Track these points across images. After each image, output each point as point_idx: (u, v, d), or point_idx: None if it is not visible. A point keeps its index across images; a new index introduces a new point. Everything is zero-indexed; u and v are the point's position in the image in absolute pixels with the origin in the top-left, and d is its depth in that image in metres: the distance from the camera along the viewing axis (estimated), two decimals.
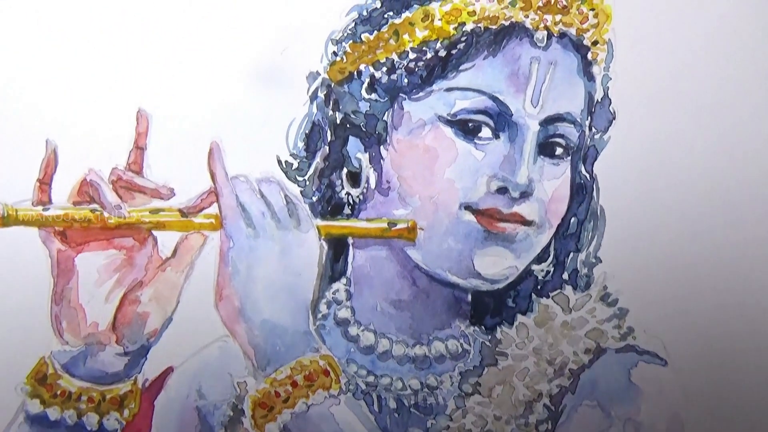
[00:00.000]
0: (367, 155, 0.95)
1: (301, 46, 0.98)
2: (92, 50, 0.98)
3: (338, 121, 0.97)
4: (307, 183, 0.98)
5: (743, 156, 1.04)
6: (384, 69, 0.93)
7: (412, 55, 0.92)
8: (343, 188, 0.97)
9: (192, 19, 0.98)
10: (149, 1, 0.98)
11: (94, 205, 0.88)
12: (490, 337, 0.97)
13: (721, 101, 1.04)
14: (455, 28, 0.92)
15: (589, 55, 0.94)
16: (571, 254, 0.99)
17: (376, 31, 0.94)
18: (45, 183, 0.89)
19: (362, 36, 0.94)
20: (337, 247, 0.99)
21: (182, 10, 0.98)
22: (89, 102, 0.98)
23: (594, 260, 0.99)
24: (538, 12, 0.92)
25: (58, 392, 0.88)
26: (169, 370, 0.97)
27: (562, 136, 0.93)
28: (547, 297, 0.97)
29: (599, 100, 0.97)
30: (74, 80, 0.98)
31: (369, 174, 0.95)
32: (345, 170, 0.97)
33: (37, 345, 0.90)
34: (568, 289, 0.97)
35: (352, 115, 0.95)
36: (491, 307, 0.98)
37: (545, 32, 0.92)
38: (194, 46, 0.99)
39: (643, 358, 0.94)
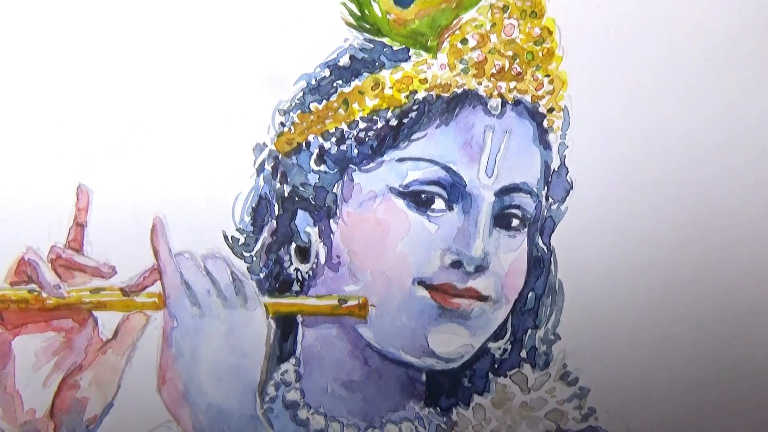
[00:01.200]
0: (316, 229, 0.91)
1: (248, 117, 0.93)
2: (30, 124, 0.92)
3: (286, 194, 0.93)
4: (254, 259, 0.94)
5: (704, 226, 1.00)
6: (333, 139, 0.90)
7: (362, 125, 0.89)
8: (291, 264, 0.93)
9: (134, 92, 0.93)
10: (90, 75, 0.93)
11: (32, 285, 0.84)
12: (445, 419, 0.94)
13: (681, 169, 0.99)
14: (406, 97, 0.89)
15: (545, 123, 0.92)
16: (529, 331, 0.96)
17: (325, 101, 0.91)
18: None
19: (311, 106, 0.91)
20: (286, 325, 0.94)
21: (124, 83, 0.94)
22: (27, 177, 0.92)
23: (553, 337, 0.97)
24: (492, 79, 0.89)
25: None
26: None
27: (518, 207, 0.90)
28: (505, 376, 0.95)
29: (556, 169, 0.95)
30: (11, 155, 0.91)
31: (318, 249, 0.91)
32: (293, 245, 0.93)
33: None
34: (526, 368, 0.95)
35: (301, 188, 0.92)
36: (446, 388, 0.95)
37: (499, 100, 0.89)
38: (136, 119, 0.94)
39: None
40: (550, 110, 0.91)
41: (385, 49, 0.91)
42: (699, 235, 1.00)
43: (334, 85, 0.91)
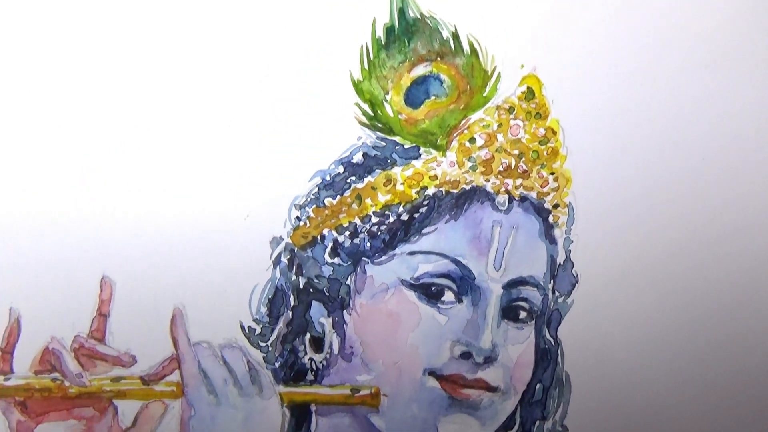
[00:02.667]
0: (330, 320, 0.92)
1: (265, 212, 0.94)
2: (54, 217, 0.92)
3: (301, 286, 0.93)
4: (270, 349, 0.94)
5: (713, 308, 1.00)
6: (347, 233, 0.91)
7: (374, 219, 0.91)
8: (306, 354, 0.93)
9: (155, 187, 0.94)
10: (113, 165, 0.94)
11: (56, 374, 0.85)
12: None
13: (686, 256, 0.99)
14: (417, 192, 0.90)
15: (551, 218, 0.93)
16: (537, 422, 0.95)
17: (339, 196, 0.92)
18: (7, 352, 0.86)
19: (325, 201, 0.92)
20: (300, 414, 0.93)
21: (144, 179, 0.94)
22: (53, 270, 0.92)
23: (561, 429, 0.97)
24: (499, 176, 0.91)
25: None
26: None
27: (525, 299, 0.91)
28: None
29: (561, 263, 0.96)
30: (38, 247, 0.91)
31: (332, 339, 0.92)
32: (308, 335, 0.93)
33: None
34: None
35: (316, 280, 0.93)
36: None
37: (506, 196, 0.91)
38: (158, 214, 0.94)
39: None
40: (555, 206, 0.93)
41: (396, 147, 0.92)
42: (707, 317, 0.99)
43: (348, 181, 0.92)
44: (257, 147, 0.96)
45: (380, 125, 0.94)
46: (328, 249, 0.92)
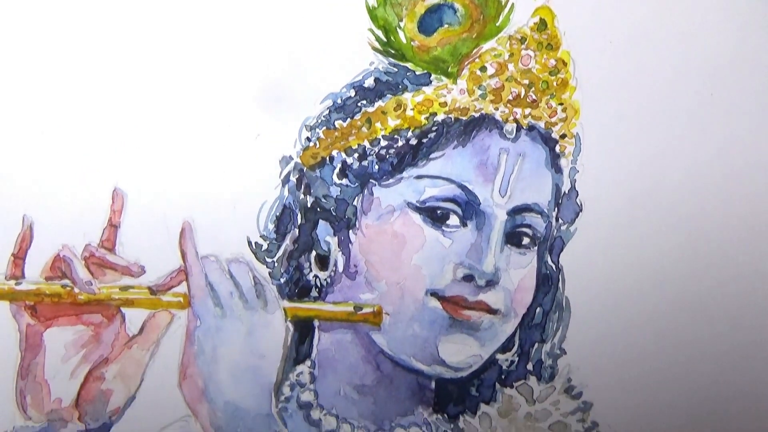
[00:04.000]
0: (336, 239, 0.92)
1: (275, 131, 0.93)
2: (70, 128, 0.93)
3: (309, 205, 0.93)
4: (276, 265, 0.94)
5: (709, 247, 0.99)
6: (356, 155, 0.91)
7: (383, 143, 0.90)
8: (311, 271, 0.93)
9: (170, 102, 0.94)
10: (127, 81, 0.94)
11: (66, 281, 0.85)
12: (452, 426, 0.94)
13: (685, 195, 0.98)
14: (426, 118, 0.90)
15: (557, 148, 0.92)
16: (536, 345, 0.95)
17: (349, 119, 0.92)
18: (19, 258, 0.86)
19: (336, 123, 0.92)
20: (303, 329, 0.94)
21: (160, 93, 0.94)
22: (66, 179, 0.93)
23: (559, 351, 0.96)
24: (508, 105, 0.90)
25: None
26: None
27: (529, 226, 0.91)
28: (511, 387, 0.94)
29: (566, 192, 0.95)
30: (52, 157, 0.92)
31: (337, 258, 0.92)
32: (314, 253, 0.93)
33: (0, 420, 0.85)
34: (532, 380, 0.94)
35: (323, 200, 0.92)
36: (455, 396, 0.94)
37: (515, 125, 0.90)
38: (171, 128, 0.94)
39: None
40: (563, 136, 0.92)
41: (408, 74, 0.91)
42: (704, 256, 0.99)
43: (359, 104, 0.92)
44: (270, 68, 0.95)
45: (393, 51, 0.93)
46: (337, 170, 0.92)
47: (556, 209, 0.94)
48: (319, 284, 0.93)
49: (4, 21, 0.96)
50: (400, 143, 0.90)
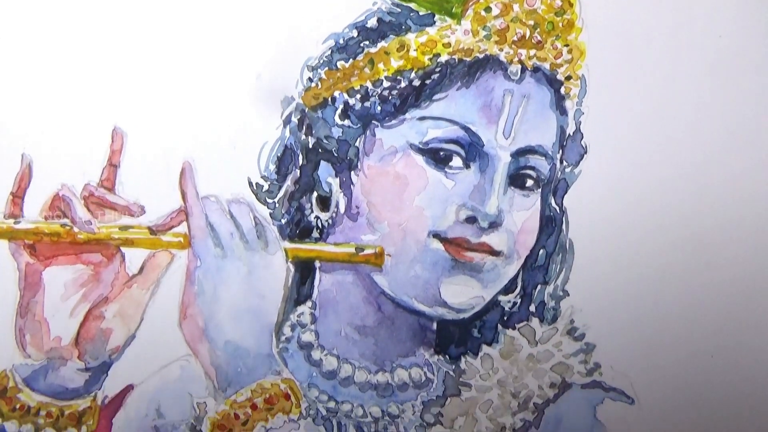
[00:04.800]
0: (337, 180, 0.91)
1: (277, 72, 0.92)
2: (70, 67, 0.92)
3: (310, 146, 0.92)
4: (277, 205, 0.93)
5: (714, 191, 0.98)
6: (358, 96, 0.89)
7: (386, 84, 0.88)
8: (312, 212, 0.92)
9: (169, 42, 0.93)
10: (127, 22, 0.93)
11: (65, 220, 0.84)
12: (454, 366, 0.92)
13: (691, 138, 0.97)
14: (430, 59, 0.88)
15: (562, 90, 0.90)
16: (539, 286, 0.94)
17: (351, 60, 0.90)
18: (18, 196, 0.85)
19: (338, 63, 0.90)
20: (304, 270, 0.93)
21: (160, 33, 0.93)
22: (66, 118, 0.92)
23: (561, 293, 0.94)
24: (513, 46, 0.88)
25: (17, 406, 0.83)
26: (129, 388, 0.90)
27: (533, 168, 0.89)
28: (513, 329, 0.92)
29: (571, 134, 0.93)
30: (52, 96, 0.91)
31: (339, 199, 0.90)
32: (315, 194, 0.92)
33: (0, 358, 0.84)
34: (534, 322, 0.92)
35: (325, 141, 0.91)
36: (456, 337, 0.93)
37: (519, 66, 0.88)
38: (171, 68, 0.93)
39: (610, 395, 0.91)
40: (568, 78, 0.90)
41: (411, 14, 0.90)
42: (707, 199, 0.97)
43: (361, 45, 0.90)
44: (273, 7, 0.93)
45: None
46: (339, 111, 0.90)
47: (561, 151, 0.92)
48: (320, 225, 0.92)
49: None
50: (403, 84, 0.88)
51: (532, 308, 0.93)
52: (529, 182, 0.89)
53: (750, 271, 1.00)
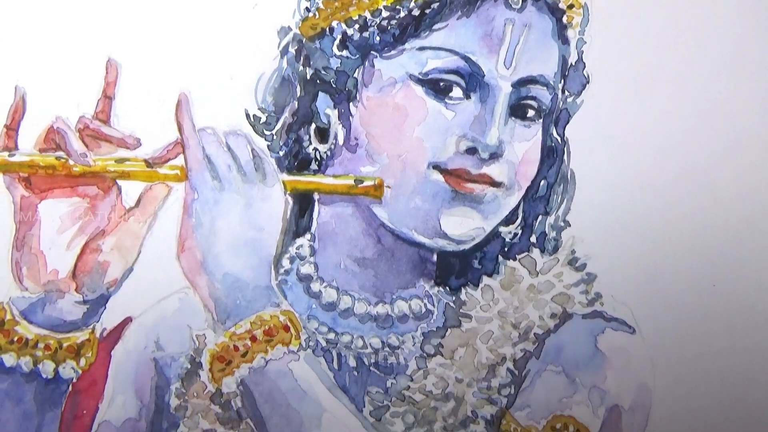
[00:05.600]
0: (336, 111, 0.89)
1: (274, 1, 0.91)
2: (64, 1, 0.92)
3: (308, 77, 0.90)
4: (275, 137, 0.92)
5: (716, 121, 0.97)
6: (356, 26, 0.87)
7: (385, 13, 0.86)
8: (310, 144, 0.90)
9: None
10: None
11: (60, 153, 0.83)
12: (454, 298, 0.92)
13: (694, 68, 0.97)
14: None
15: (564, 19, 0.88)
16: (540, 217, 0.93)
17: None
18: (12, 129, 0.84)
19: None
20: (303, 202, 0.93)
21: None
22: (59, 50, 0.92)
23: (563, 224, 0.94)
24: None
25: (15, 338, 0.82)
26: (127, 321, 0.91)
27: (534, 98, 0.88)
28: (514, 259, 0.92)
29: (573, 63, 0.91)
30: (45, 27, 0.91)
31: (337, 130, 0.89)
32: (313, 126, 0.90)
33: None
34: (535, 252, 0.92)
35: (323, 71, 0.89)
36: (456, 268, 0.93)
37: None
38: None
39: (611, 325, 0.89)
40: (570, 6, 0.88)
41: None
42: (709, 130, 0.97)
43: None
44: None
45: None
46: (337, 41, 0.88)
47: (563, 81, 0.91)
48: (318, 157, 0.91)
49: None
50: (402, 14, 0.86)
51: (533, 239, 0.92)
52: (531, 112, 0.88)
53: (753, 200, 0.99)
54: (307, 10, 0.90)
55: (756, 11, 1.01)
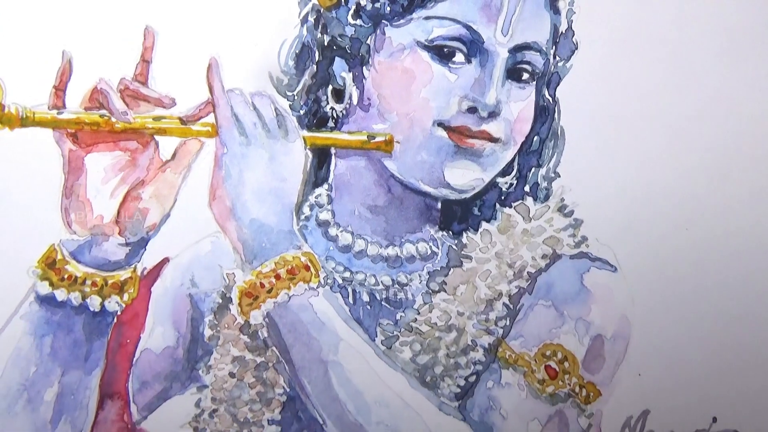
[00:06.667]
0: (350, 74, 0.95)
1: None
2: None
3: (326, 43, 0.96)
4: (296, 98, 0.98)
5: (695, 76, 1.03)
6: None
7: None
8: (328, 103, 0.96)
9: None
10: None
11: (103, 111, 0.88)
12: (456, 241, 0.97)
13: (676, 36, 1.02)
14: None
15: None
16: (533, 169, 0.99)
17: None
18: (60, 89, 0.89)
19: None
20: (321, 156, 0.99)
21: None
22: (102, 18, 0.98)
23: (553, 175, 0.99)
24: None
25: (66, 276, 0.88)
26: (165, 261, 0.98)
27: (528, 63, 0.93)
28: (510, 207, 0.97)
29: (563, 31, 0.97)
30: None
31: (352, 91, 0.95)
32: (330, 87, 0.96)
33: (48, 233, 0.90)
34: (528, 200, 0.97)
35: (339, 38, 0.95)
36: (458, 215, 0.98)
37: None
38: None
39: (595, 264, 0.95)
40: None
41: None
42: (688, 82, 1.03)
43: None
44: None
45: None
46: (351, 11, 0.94)
47: (554, 47, 0.97)
48: (335, 116, 0.96)
49: None
50: None
51: (527, 188, 0.98)
52: (525, 75, 0.93)
53: (723, 153, 1.05)
54: None
55: None
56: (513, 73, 0.93)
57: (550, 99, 0.99)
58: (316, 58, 0.97)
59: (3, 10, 1.01)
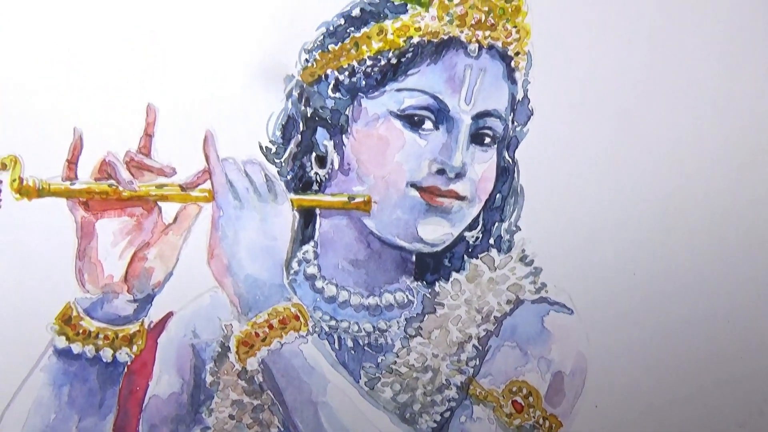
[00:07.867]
0: (332, 142, 1.02)
1: (280, 54, 1.05)
2: (111, 59, 1.05)
3: (309, 115, 1.03)
4: (283, 164, 1.05)
5: (639, 142, 1.11)
6: (346, 73, 1.00)
7: (369, 62, 0.99)
8: (312, 169, 1.03)
9: (193, 32, 1.06)
10: (158, 17, 1.06)
11: (111, 181, 0.95)
12: (430, 290, 1.04)
13: (618, 99, 1.11)
14: (404, 41, 0.99)
15: (513, 63, 1.02)
16: (496, 223, 1.05)
17: (340, 43, 1.01)
18: (72, 162, 0.96)
19: (329, 47, 1.01)
20: (307, 216, 1.05)
21: (186, 25, 1.06)
22: (109, 97, 1.06)
23: (515, 228, 1.06)
24: (471, 28, 0.99)
25: (80, 331, 0.95)
26: (170, 314, 1.04)
27: (489, 128, 1.00)
28: (477, 258, 1.04)
29: (520, 99, 1.05)
30: (97, 80, 1.05)
31: (333, 158, 1.02)
32: (314, 154, 1.03)
33: (64, 292, 0.96)
34: (493, 252, 1.04)
35: (320, 110, 1.02)
36: (431, 266, 1.05)
37: (477, 44, 0.99)
38: (195, 53, 1.06)
39: (554, 308, 1.02)
40: (517, 53, 1.01)
41: (388, 3, 1.01)
42: (629, 138, 1.12)
43: (348, 30, 1.01)
44: (274, 4, 1.07)
45: None
46: (331, 85, 1.01)
47: (512, 113, 1.04)
48: (319, 179, 1.03)
49: None
50: (382, 62, 0.99)
51: (491, 241, 1.05)
52: (487, 139, 1.01)
53: (664, 203, 1.14)
54: (307, 60, 1.04)
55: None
56: (476, 138, 1.00)
57: (510, 160, 1.05)
58: (301, 129, 1.04)
59: (21, 93, 1.09)
